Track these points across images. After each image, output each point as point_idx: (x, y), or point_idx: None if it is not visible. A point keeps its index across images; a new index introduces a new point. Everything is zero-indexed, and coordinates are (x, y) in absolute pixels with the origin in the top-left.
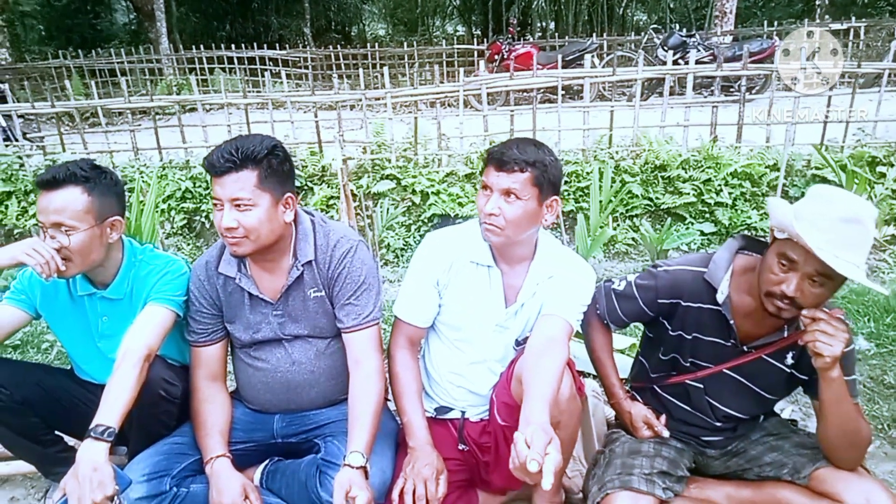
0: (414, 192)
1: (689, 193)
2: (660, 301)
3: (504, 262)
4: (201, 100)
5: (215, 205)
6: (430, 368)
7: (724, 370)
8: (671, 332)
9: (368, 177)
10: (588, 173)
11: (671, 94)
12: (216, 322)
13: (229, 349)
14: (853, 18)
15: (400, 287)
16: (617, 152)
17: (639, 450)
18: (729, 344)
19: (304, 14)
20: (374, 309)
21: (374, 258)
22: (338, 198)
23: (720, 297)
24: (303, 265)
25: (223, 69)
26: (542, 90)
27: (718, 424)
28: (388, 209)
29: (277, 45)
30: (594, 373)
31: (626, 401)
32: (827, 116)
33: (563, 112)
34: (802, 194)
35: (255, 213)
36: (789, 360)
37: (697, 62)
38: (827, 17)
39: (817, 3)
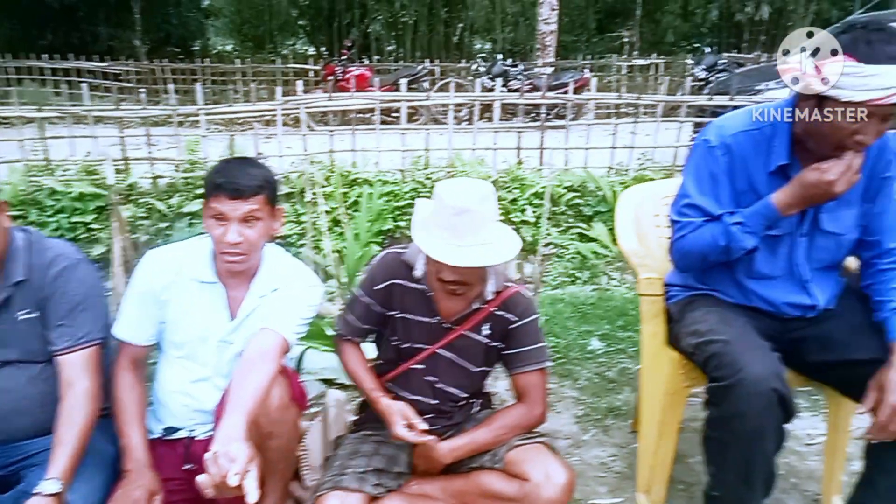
0: None
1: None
2: (376, 287)
3: (229, 278)
4: None
5: None
6: (158, 389)
7: (437, 350)
8: (388, 314)
9: (180, 195)
10: (406, 192)
11: (491, 119)
12: None
13: None
14: (655, 55)
15: None
16: (433, 173)
17: (358, 450)
18: (434, 321)
19: (134, 26)
20: (91, 330)
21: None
22: (145, 217)
23: (417, 274)
24: (12, 286)
25: (33, 80)
26: (370, 112)
27: (436, 403)
28: (194, 227)
29: (100, 57)
30: (346, 382)
31: (382, 399)
32: (614, 142)
33: (386, 134)
34: (594, 213)
35: None
36: (485, 332)
37: (516, 90)
38: (635, 53)
39: (625, 40)
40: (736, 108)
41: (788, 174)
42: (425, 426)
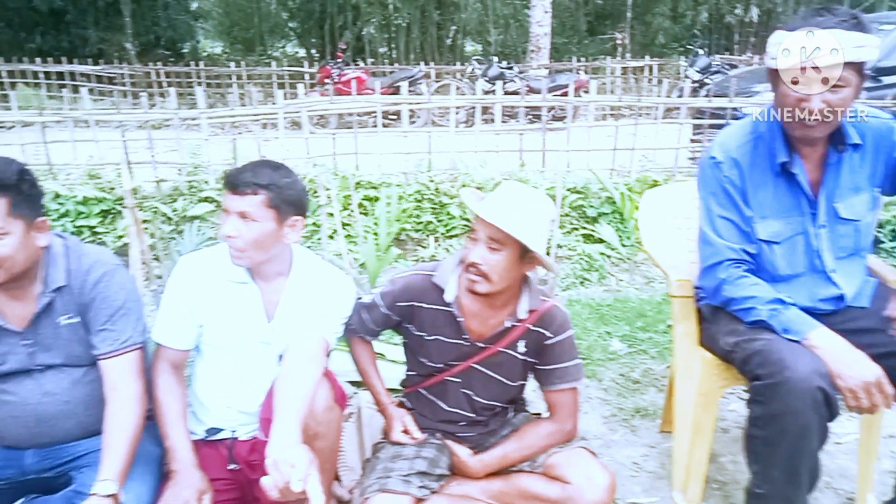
0: None
1: None
2: (398, 304)
3: (260, 279)
4: None
5: None
6: (198, 390)
7: (472, 365)
8: (416, 334)
9: (184, 199)
10: (410, 195)
11: (489, 121)
12: None
13: None
14: (647, 57)
15: None
16: (436, 175)
17: (400, 454)
18: (465, 343)
19: (125, 29)
20: (132, 334)
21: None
22: (148, 221)
23: (448, 297)
24: (53, 291)
25: (27, 84)
26: (367, 114)
27: (473, 416)
28: (203, 232)
29: (92, 60)
30: None
31: (389, 406)
32: (616, 144)
33: (389, 136)
34: (599, 214)
35: (10, 242)
36: (521, 349)
37: (515, 93)
38: (627, 55)
39: (617, 42)
40: (735, 109)
41: (790, 170)
42: (421, 436)
